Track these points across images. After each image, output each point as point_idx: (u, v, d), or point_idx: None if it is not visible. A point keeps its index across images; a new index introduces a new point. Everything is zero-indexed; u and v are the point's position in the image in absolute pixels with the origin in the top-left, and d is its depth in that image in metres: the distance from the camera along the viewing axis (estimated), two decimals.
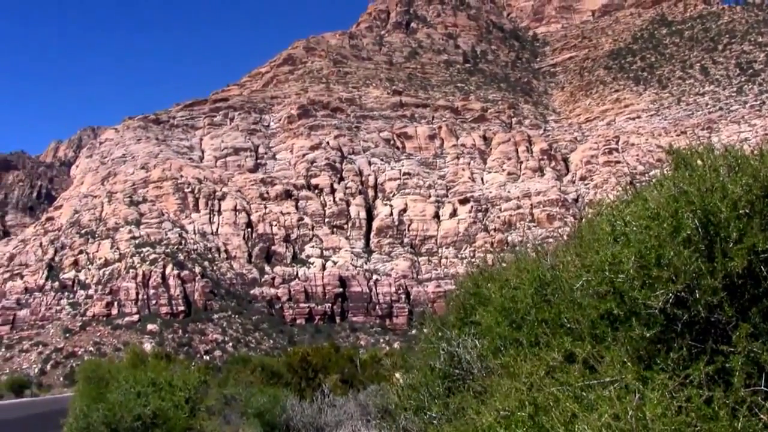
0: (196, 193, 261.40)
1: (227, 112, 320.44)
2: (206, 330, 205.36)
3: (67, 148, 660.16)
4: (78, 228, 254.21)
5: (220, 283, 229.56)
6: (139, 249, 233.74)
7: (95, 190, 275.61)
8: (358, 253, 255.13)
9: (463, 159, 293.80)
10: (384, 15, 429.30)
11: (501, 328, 10.37)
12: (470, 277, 12.77)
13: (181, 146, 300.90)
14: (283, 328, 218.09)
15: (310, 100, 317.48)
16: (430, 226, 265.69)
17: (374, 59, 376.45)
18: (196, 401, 27.53)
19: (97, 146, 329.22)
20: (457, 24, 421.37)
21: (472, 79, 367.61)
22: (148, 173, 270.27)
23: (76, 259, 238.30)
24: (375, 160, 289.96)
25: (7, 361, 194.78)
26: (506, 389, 8.78)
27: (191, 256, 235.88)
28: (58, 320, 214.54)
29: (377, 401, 19.30)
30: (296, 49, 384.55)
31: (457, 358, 11.35)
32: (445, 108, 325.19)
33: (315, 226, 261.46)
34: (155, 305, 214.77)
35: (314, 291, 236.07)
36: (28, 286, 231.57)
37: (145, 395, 26.39)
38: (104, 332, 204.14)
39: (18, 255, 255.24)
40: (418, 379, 12.18)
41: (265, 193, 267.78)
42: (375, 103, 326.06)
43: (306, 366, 44.11)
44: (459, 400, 10.65)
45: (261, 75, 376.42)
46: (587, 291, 8.64)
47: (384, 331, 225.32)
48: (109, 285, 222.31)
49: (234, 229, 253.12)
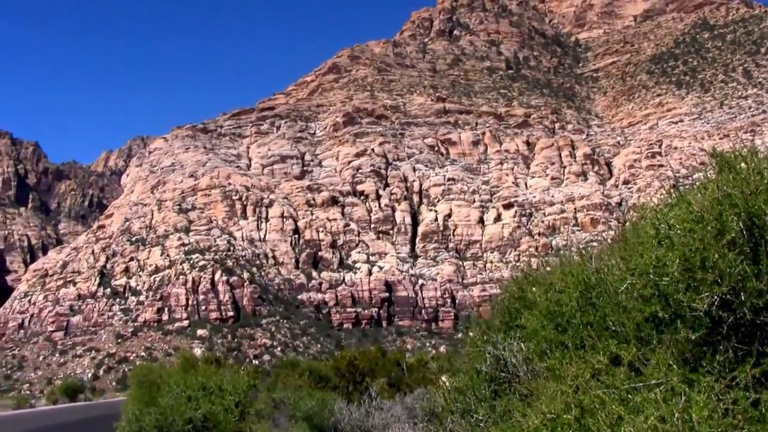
0: (243, 201, 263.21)
1: (274, 121, 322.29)
2: (255, 335, 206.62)
3: (118, 157, 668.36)
4: (129, 236, 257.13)
5: (268, 289, 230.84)
6: (189, 256, 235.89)
7: (145, 198, 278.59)
8: (403, 258, 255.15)
9: (506, 164, 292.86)
10: (427, 23, 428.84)
11: (546, 331, 10.39)
12: (515, 281, 12.79)
13: (228, 154, 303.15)
14: (330, 333, 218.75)
15: (355, 108, 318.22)
16: (474, 231, 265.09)
17: (418, 67, 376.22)
18: (246, 405, 27.78)
19: (147, 155, 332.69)
20: (500, 31, 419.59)
21: (515, 85, 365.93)
22: (196, 181, 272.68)
23: (127, 266, 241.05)
24: (419, 166, 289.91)
25: (61, 366, 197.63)
26: (552, 392, 8.80)
27: (240, 263, 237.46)
28: (110, 326, 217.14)
29: (424, 404, 19.35)
30: (341, 57, 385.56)
31: (502, 361, 11.38)
32: (488, 114, 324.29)
33: (361, 232, 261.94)
34: (205, 311, 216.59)
35: (361, 296, 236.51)
36: (80, 293, 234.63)
37: (195, 399, 26.69)
38: (155, 337, 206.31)
39: (71, 262, 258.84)
40: (464, 382, 12.22)
41: (311, 200, 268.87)
42: (419, 110, 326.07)
43: (353, 370, 44.24)
44: (505, 403, 10.68)
45: (306, 84, 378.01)
46: (632, 294, 8.65)
47: (430, 335, 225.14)
48: (159, 291, 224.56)
49: (281, 235, 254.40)
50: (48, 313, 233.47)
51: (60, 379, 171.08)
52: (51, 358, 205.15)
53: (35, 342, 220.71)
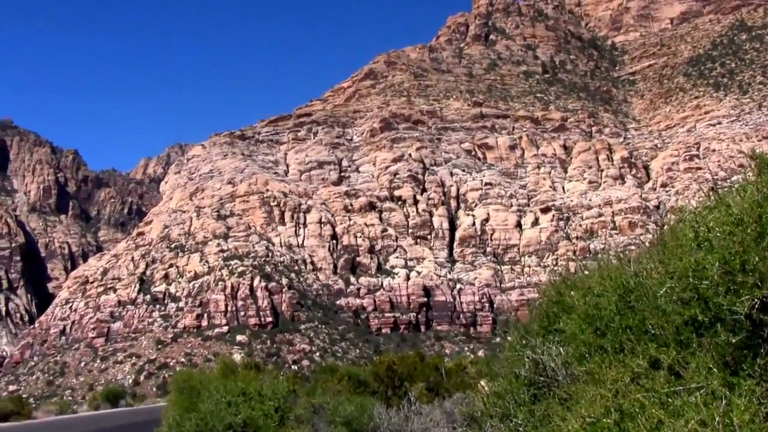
0: (281, 207, 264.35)
1: (311, 127, 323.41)
2: (294, 340, 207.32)
3: (156, 165, 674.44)
4: (168, 242, 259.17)
5: (306, 294, 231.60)
6: (228, 262, 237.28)
7: (184, 205, 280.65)
8: (441, 262, 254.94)
9: (543, 168, 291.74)
10: (463, 28, 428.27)
11: (585, 335, 10.36)
12: (553, 286, 12.77)
13: (266, 161, 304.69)
14: (368, 338, 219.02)
15: (391, 114, 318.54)
16: (512, 235, 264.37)
17: (454, 72, 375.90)
18: (285, 410, 27.90)
19: (185, 162, 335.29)
20: (536, 35, 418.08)
21: (552, 89, 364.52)
22: (234, 188, 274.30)
23: (167, 272, 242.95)
24: (457, 171, 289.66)
25: (102, 372, 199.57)
26: (591, 396, 8.79)
27: (278, 268, 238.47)
28: (150, 332, 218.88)
29: (463, 409, 19.31)
30: (377, 63, 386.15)
31: (541, 365, 11.36)
32: (525, 118, 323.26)
33: (399, 237, 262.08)
34: (244, 316, 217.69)
35: (399, 301, 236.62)
36: (121, 300, 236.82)
37: (235, 405, 26.85)
38: (195, 343, 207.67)
39: (111, 269, 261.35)
40: (503, 386, 12.21)
41: (349, 206, 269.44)
42: (456, 114, 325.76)
43: (392, 375, 44.24)
44: (544, 407, 10.67)
45: (343, 90, 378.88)
46: (671, 297, 8.62)
47: (468, 340, 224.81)
48: (198, 297, 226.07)
49: (319, 241, 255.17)
50: (89, 319, 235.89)
51: (101, 385, 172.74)
52: (92, 364, 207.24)
53: (77, 348, 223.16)
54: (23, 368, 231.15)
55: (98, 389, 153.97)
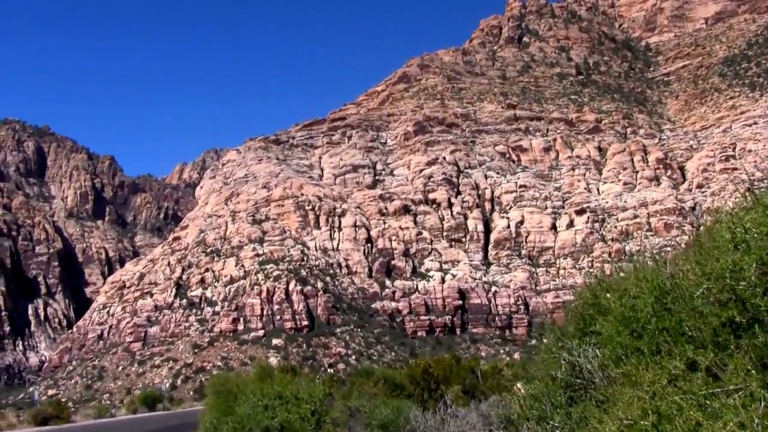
0: (316, 211, 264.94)
1: (345, 131, 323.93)
2: (330, 344, 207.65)
3: (192, 170, 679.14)
4: (204, 247, 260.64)
5: (342, 298, 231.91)
6: (263, 266, 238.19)
7: (219, 209, 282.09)
8: (476, 265, 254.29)
9: (578, 170, 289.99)
10: (496, 30, 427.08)
11: (621, 337, 10.33)
12: (589, 288, 12.73)
13: (301, 165, 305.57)
14: (404, 341, 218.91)
15: (425, 117, 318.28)
16: (547, 238, 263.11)
17: (488, 74, 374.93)
18: (322, 413, 27.99)
19: (220, 167, 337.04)
20: (569, 37, 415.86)
21: (586, 91, 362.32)
22: (269, 192, 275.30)
23: (203, 276, 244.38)
24: (491, 174, 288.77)
25: (140, 377, 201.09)
26: (628, 398, 8.77)
27: (313, 272, 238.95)
28: (186, 336, 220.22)
29: (499, 411, 19.28)
30: (411, 67, 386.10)
31: (578, 367, 11.33)
32: (559, 120, 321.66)
33: (433, 240, 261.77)
34: (279, 320, 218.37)
35: (434, 304, 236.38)
36: (157, 304, 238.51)
37: (272, 408, 26.99)
38: (231, 347, 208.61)
39: (147, 274, 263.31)
40: (539, 389, 12.19)
41: (383, 209, 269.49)
42: (489, 117, 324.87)
43: (428, 377, 44.23)
44: (581, 410, 10.65)
45: (377, 93, 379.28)
46: (708, 299, 8.59)
47: (504, 342, 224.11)
48: (234, 301, 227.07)
49: (354, 244, 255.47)
50: (126, 324, 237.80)
51: (139, 389, 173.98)
52: (130, 369, 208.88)
53: (114, 353, 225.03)
54: (62, 372, 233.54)
55: (136, 393, 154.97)
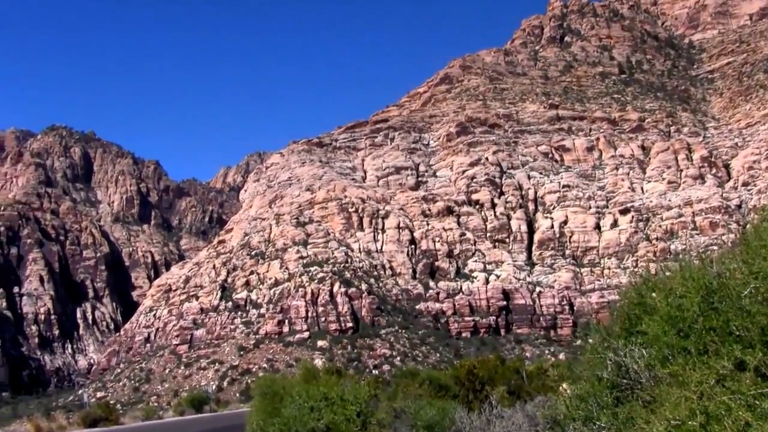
0: (360, 213, 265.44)
1: (387, 133, 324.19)
2: (374, 345, 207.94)
3: (236, 173, 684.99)
4: (248, 250, 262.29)
5: (386, 300, 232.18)
6: (307, 268, 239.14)
7: (263, 212, 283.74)
8: (520, 266, 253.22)
9: (621, 169, 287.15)
10: (537, 30, 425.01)
11: (668, 337, 10.27)
12: (634, 287, 12.66)
13: (344, 167, 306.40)
14: (449, 342, 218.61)
15: (468, 118, 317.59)
16: (591, 237, 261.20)
17: (530, 74, 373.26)
18: (367, 415, 28.06)
19: (264, 170, 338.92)
20: (611, 35, 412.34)
21: (629, 90, 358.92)
22: (313, 195, 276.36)
23: (248, 279, 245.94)
24: (534, 174, 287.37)
25: (186, 379, 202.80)
26: (676, 398, 8.72)
27: (357, 274, 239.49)
28: (232, 339, 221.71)
29: (545, 412, 19.20)
30: (452, 68, 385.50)
31: (624, 367, 11.27)
32: (602, 119, 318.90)
33: (477, 241, 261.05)
34: (324, 322, 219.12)
35: (478, 304, 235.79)
36: (203, 307, 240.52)
37: (318, 409, 27.11)
38: (276, 349, 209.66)
39: (193, 277, 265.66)
40: (585, 389, 12.14)
41: (427, 210, 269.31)
42: (532, 117, 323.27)
43: (473, 378, 44.15)
44: (628, 410, 10.59)
45: (419, 95, 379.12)
46: (756, 298, 8.51)
47: (549, 343, 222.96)
48: (279, 304, 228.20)
49: (398, 246, 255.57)
50: (172, 327, 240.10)
51: (186, 391, 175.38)
52: (176, 371, 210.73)
53: (161, 355, 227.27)
54: (110, 375, 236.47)
55: (183, 395, 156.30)
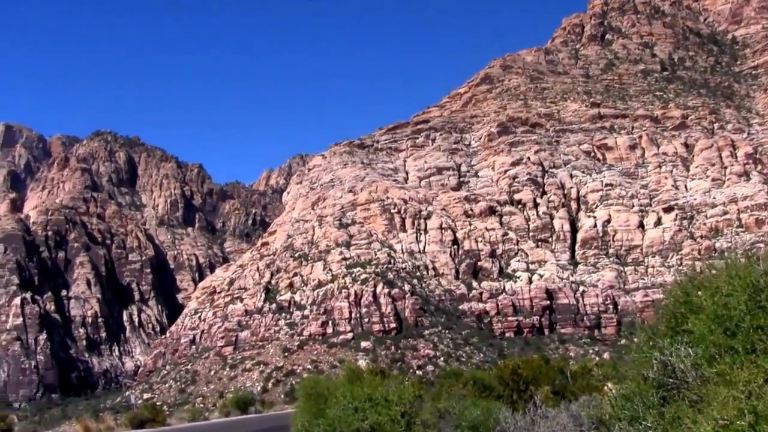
0: (402, 214, 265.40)
1: (429, 134, 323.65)
2: (418, 346, 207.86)
3: (278, 176, 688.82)
4: (291, 251, 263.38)
5: (429, 300, 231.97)
6: (350, 269, 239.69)
7: (306, 214, 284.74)
8: (563, 265, 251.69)
9: (665, 167, 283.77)
10: (578, 29, 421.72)
11: (714, 335, 10.18)
12: (679, 286, 12.56)
13: (385, 169, 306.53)
14: (492, 342, 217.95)
15: (509, 117, 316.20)
16: (634, 236, 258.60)
17: (570, 73, 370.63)
18: (412, 415, 28.09)
19: (306, 173, 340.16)
20: (653, 32, 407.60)
21: (671, 87, 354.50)
22: (355, 196, 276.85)
23: (291, 281, 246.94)
24: (576, 173, 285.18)
25: (231, 380, 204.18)
26: (723, 398, 8.65)
27: (400, 275, 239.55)
28: (276, 340, 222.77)
29: (590, 412, 19.12)
30: (493, 68, 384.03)
31: (670, 367, 11.19)
32: (644, 117, 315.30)
33: (519, 241, 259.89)
34: (368, 323, 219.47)
35: (522, 304, 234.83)
36: (247, 309, 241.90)
37: (362, 410, 27.20)
38: (320, 350, 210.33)
39: (237, 279, 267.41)
40: (631, 388, 12.07)
41: (469, 210, 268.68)
42: (573, 116, 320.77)
43: (517, 378, 44.06)
44: (674, 410, 10.52)
45: (460, 95, 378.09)
46: None
47: (593, 342, 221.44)
48: (323, 305, 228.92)
49: (440, 246, 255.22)
50: (217, 328, 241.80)
51: (231, 392, 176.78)
52: (222, 372, 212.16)
53: (206, 357, 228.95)
54: (156, 377, 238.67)
55: (228, 396, 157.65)
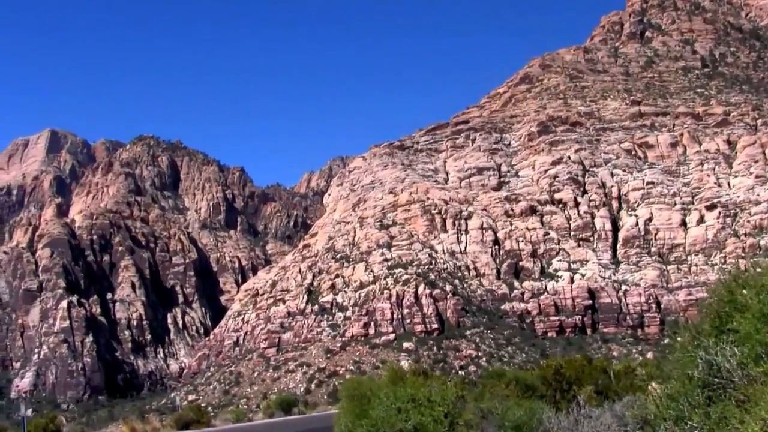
0: (443, 214, 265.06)
1: (469, 134, 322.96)
2: (460, 346, 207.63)
3: (319, 178, 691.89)
4: (333, 253, 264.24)
5: (470, 300, 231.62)
6: (392, 270, 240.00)
7: (347, 216, 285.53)
8: (605, 264, 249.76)
9: (707, 165, 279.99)
10: (617, 26, 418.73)
11: (761, 334, 10.11)
12: (724, 284, 12.46)
13: (426, 169, 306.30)
14: (534, 342, 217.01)
15: (549, 117, 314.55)
16: (677, 234, 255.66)
17: (610, 71, 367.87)
18: (455, 416, 28.10)
19: (347, 175, 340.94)
20: (693, 29, 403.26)
21: (712, 84, 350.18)
22: (396, 197, 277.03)
23: (333, 282, 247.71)
24: (617, 172, 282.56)
25: (275, 381, 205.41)
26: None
27: (442, 275, 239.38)
28: (319, 341, 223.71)
29: (635, 412, 19.02)
30: (532, 67, 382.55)
31: (715, 366, 11.11)
32: (685, 115, 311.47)
33: (561, 240, 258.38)
34: (409, 324, 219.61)
35: (564, 304, 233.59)
36: (290, 311, 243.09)
37: (405, 411, 27.25)
38: (363, 351, 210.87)
39: (279, 281, 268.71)
40: (676, 388, 12.01)
41: (509, 210, 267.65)
42: (614, 114, 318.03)
43: (560, 378, 43.90)
44: (720, 410, 10.45)
45: (499, 95, 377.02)
46: None
47: (636, 342, 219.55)
48: (365, 306, 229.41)
49: (481, 246, 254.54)
50: (260, 330, 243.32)
51: (274, 394, 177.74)
52: (265, 374, 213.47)
53: (250, 358, 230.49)
54: (201, 378, 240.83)
55: (271, 398, 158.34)
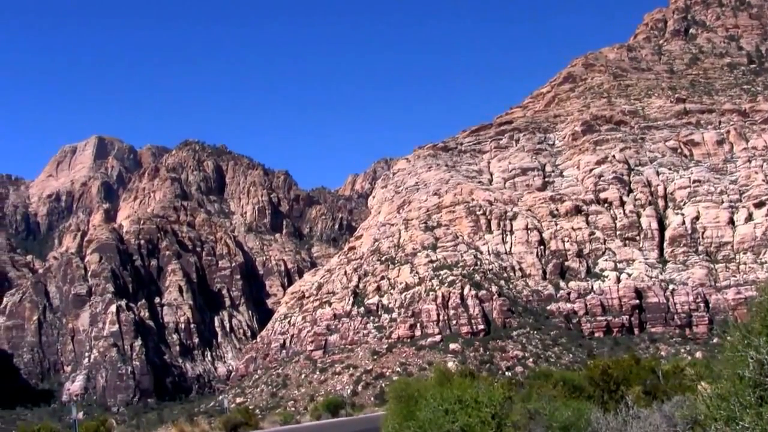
0: (488, 215, 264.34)
1: (512, 134, 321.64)
2: (506, 347, 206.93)
3: (363, 180, 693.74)
4: (378, 255, 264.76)
5: (516, 301, 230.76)
6: (437, 272, 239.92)
7: (392, 218, 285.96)
8: (652, 263, 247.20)
9: (754, 162, 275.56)
10: (661, 24, 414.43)
11: None
12: None
13: (470, 171, 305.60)
14: (581, 342, 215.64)
15: (592, 116, 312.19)
16: (725, 233, 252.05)
17: (654, 69, 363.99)
18: (502, 417, 28.05)
19: (391, 177, 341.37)
20: (739, 25, 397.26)
21: (759, 80, 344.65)
22: (440, 199, 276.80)
23: (379, 284, 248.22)
24: (663, 170, 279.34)
25: (322, 384, 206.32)
26: None
27: (487, 276, 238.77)
28: (365, 343, 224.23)
29: (684, 412, 18.88)
30: (575, 66, 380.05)
31: (767, 366, 11.06)
32: (731, 112, 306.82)
33: (607, 240, 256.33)
34: (455, 325, 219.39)
35: (610, 304, 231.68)
36: (336, 313, 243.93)
37: (452, 412, 27.28)
38: (409, 353, 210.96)
39: (325, 284, 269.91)
40: (726, 388, 11.92)
41: (554, 210, 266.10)
42: (658, 112, 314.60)
43: (607, 378, 43.63)
44: None
45: (542, 95, 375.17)
46: None
47: (684, 341, 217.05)
48: (411, 308, 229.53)
49: (527, 247, 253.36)
50: (307, 333, 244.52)
51: (321, 396, 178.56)
52: (312, 376, 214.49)
53: (296, 361, 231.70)
54: (248, 381, 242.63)
55: (319, 400, 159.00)
